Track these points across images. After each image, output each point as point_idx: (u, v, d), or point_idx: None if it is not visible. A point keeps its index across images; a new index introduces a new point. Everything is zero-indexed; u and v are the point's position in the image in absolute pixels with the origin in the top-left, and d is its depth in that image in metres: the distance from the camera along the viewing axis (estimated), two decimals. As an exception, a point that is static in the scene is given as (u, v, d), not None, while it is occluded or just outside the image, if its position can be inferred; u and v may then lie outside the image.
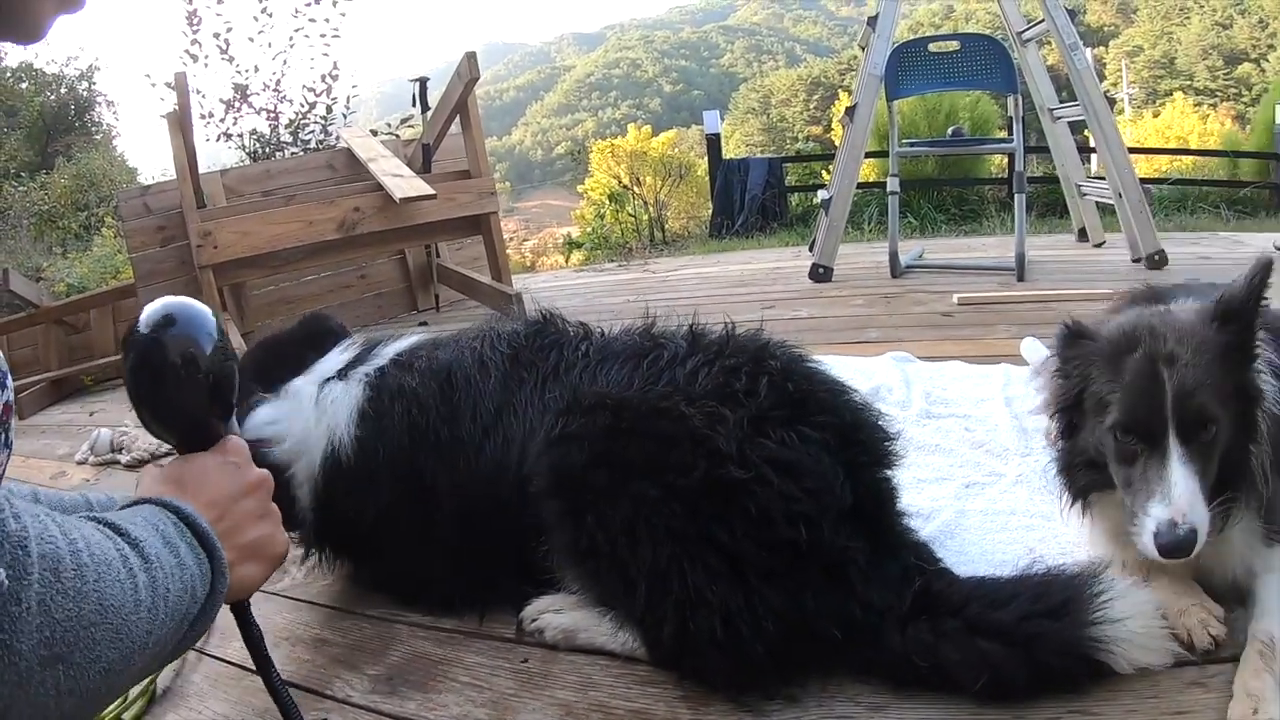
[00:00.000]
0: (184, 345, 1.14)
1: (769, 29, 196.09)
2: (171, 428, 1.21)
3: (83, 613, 0.79)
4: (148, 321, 1.14)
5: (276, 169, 6.23)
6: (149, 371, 1.15)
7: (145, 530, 0.94)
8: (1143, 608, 1.39)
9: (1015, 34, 5.84)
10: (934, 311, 4.28)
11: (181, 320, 1.15)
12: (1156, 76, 76.10)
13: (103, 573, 0.82)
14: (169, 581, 0.91)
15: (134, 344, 1.15)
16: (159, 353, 1.14)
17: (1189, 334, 1.39)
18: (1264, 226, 8.18)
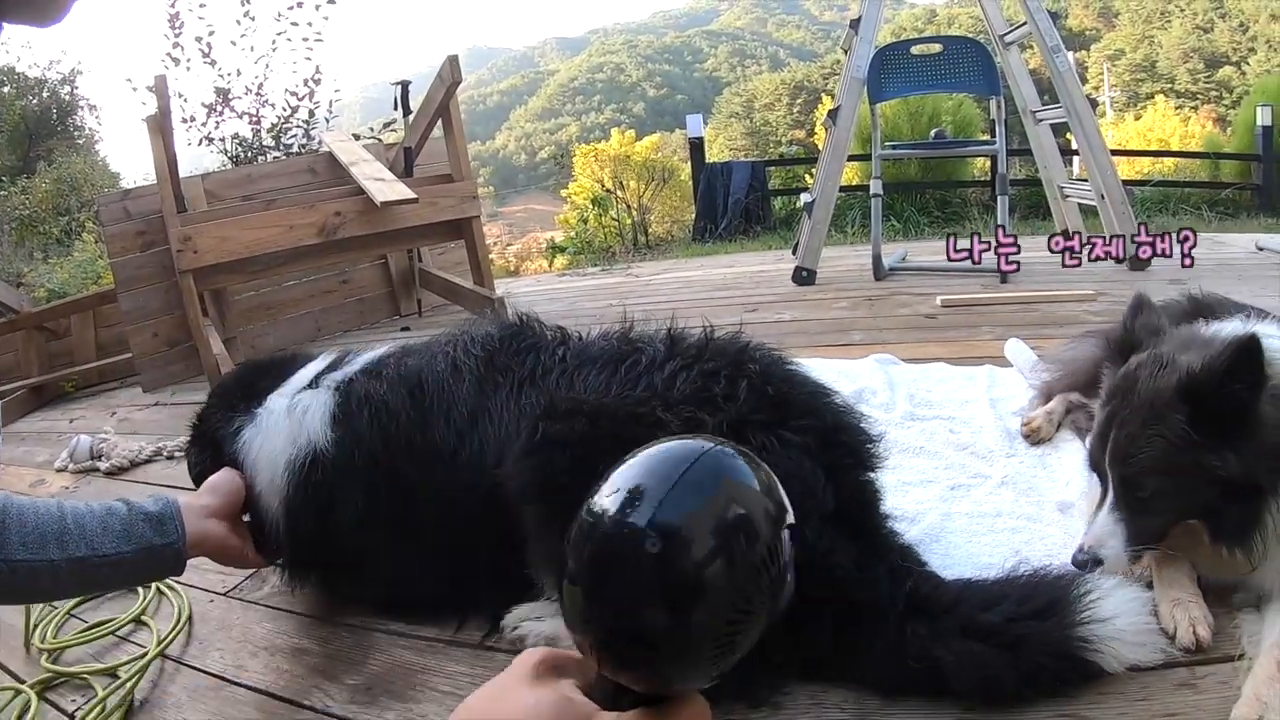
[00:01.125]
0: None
1: (752, 33, 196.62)
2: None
3: None
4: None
5: (258, 173, 6.19)
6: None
7: None
8: (1130, 605, 1.40)
9: (998, 37, 5.85)
10: (917, 314, 4.28)
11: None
12: (1138, 80, 76.55)
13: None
14: None
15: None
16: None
17: (1149, 404, 1.45)
18: (1245, 227, 8.22)
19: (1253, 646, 1.36)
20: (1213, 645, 1.40)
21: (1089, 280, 4.67)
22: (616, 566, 0.64)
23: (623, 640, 0.66)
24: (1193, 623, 1.41)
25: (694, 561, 0.62)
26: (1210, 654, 1.38)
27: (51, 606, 2.04)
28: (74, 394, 5.33)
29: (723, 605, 0.64)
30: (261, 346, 5.49)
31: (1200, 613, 1.43)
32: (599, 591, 0.66)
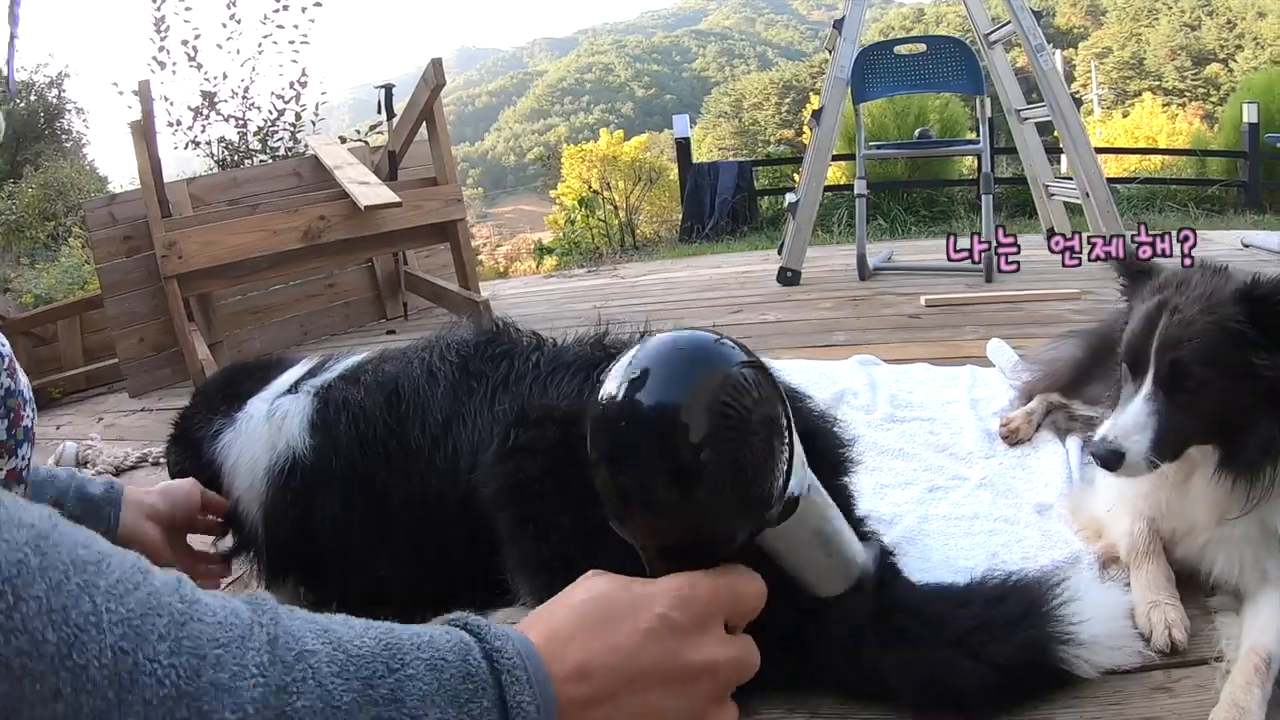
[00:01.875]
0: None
1: (741, 33, 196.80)
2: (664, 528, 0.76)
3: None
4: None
5: (243, 177, 6.18)
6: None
7: (347, 652, 0.62)
8: (1106, 609, 1.41)
9: (982, 36, 5.87)
10: (902, 314, 4.29)
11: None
12: (1125, 77, 76.81)
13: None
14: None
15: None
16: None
17: (1207, 296, 1.44)
18: (1231, 224, 8.25)
19: (1231, 649, 1.36)
20: (1189, 648, 1.40)
21: (1074, 279, 4.68)
22: (636, 432, 0.70)
23: (657, 495, 0.70)
24: (1169, 625, 1.42)
25: (705, 420, 0.68)
26: (1186, 657, 1.39)
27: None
28: (61, 399, 5.31)
29: (735, 450, 0.70)
30: (248, 351, 5.46)
31: (1177, 615, 1.43)
32: (623, 460, 0.71)
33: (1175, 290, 1.48)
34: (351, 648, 0.61)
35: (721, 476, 0.69)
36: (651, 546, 0.76)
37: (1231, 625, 1.41)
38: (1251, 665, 1.29)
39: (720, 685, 0.72)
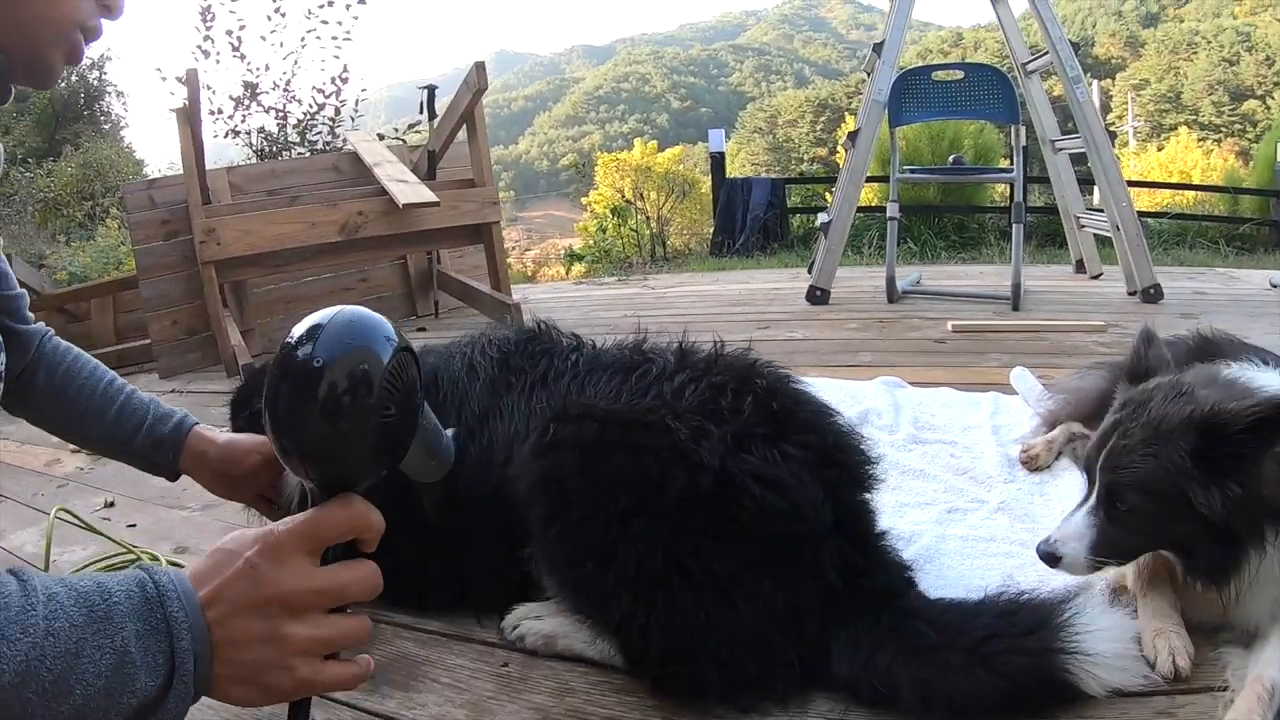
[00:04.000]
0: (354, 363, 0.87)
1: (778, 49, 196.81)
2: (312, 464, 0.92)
3: None
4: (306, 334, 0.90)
5: (282, 169, 6.25)
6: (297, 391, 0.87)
7: (76, 591, 0.84)
8: (1113, 630, 1.42)
9: (1020, 65, 5.89)
10: (928, 338, 4.31)
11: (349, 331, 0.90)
12: (1162, 110, 76.52)
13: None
14: (65, 644, 0.80)
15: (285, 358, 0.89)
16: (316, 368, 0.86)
17: (1156, 424, 1.45)
18: (1261, 263, 8.21)
19: (1236, 679, 1.37)
20: (1194, 676, 1.41)
21: (1100, 312, 4.69)
22: (289, 379, 0.87)
23: (295, 437, 0.88)
24: (1173, 652, 1.43)
25: (341, 381, 0.85)
26: (1191, 684, 1.40)
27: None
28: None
29: (361, 416, 0.87)
30: (279, 339, 5.52)
31: (1181, 643, 1.45)
32: (280, 401, 0.88)
33: (1132, 411, 1.51)
34: (79, 587, 0.84)
35: (357, 427, 0.87)
36: (312, 483, 0.94)
37: (1239, 658, 1.43)
38: (1254, 694, 1.30)
39: (294, 608, 0.91)
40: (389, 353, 0.89)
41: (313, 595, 0.92)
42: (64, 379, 1.83)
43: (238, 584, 0.89)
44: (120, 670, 0.82)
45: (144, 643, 0.84)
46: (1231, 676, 1.38)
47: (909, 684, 1.39)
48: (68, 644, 0.79)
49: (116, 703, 0.82)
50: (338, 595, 0.94)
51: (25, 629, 0.78)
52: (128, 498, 2.85)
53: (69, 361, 1.85)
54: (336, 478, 0.93)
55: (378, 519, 0.95)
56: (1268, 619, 1.44)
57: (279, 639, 0.90)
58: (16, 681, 0.75)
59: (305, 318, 0.91)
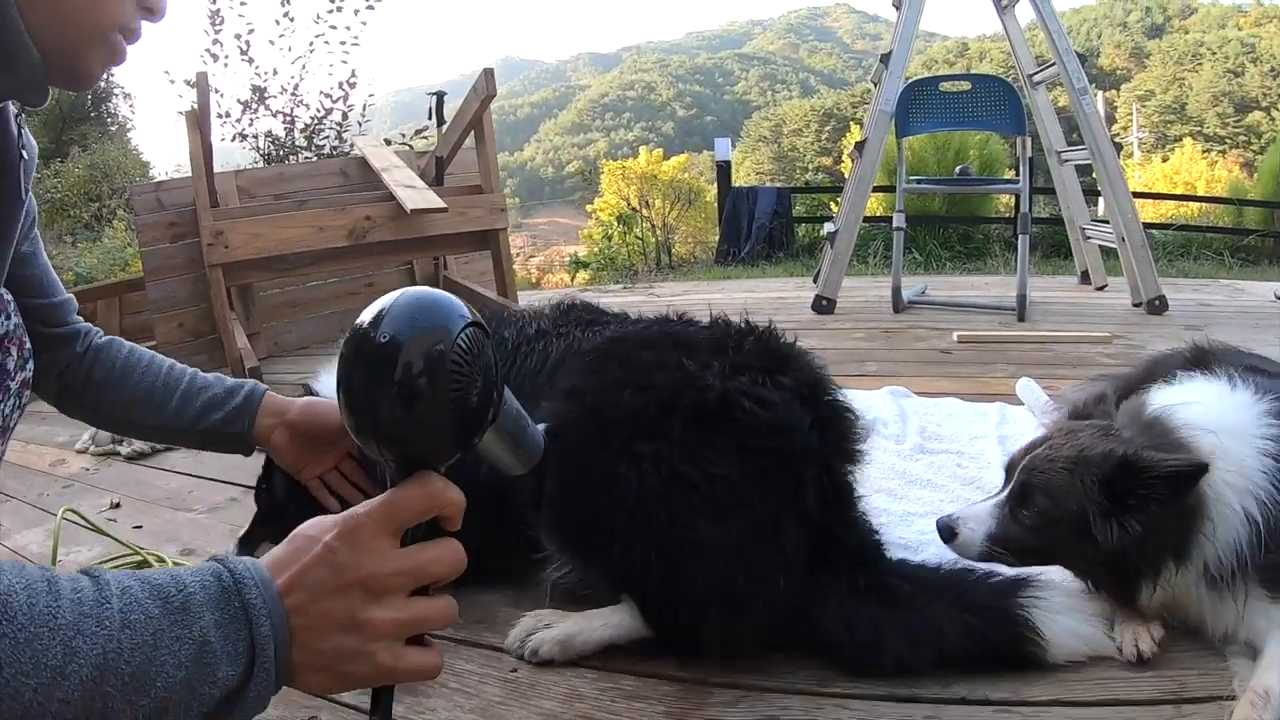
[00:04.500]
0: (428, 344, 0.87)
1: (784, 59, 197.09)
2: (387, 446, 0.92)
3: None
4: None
5: (290, 173, 6.27)
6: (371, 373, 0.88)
7: (150, 585, 0.84)
8: (1083, 603, 1.58)
9: (1026, 76, 5.91)
10: (933, 348, 4.32)
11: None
12: (1167, 121, 76.60)
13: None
14: (142, 636, 0.79)
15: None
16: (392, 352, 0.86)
17: (1080, 450, 1.53)
18: (1266, 275, 8.23)
19: (1241, 689, 1.39)
20: (1201, 686, 1.43)
21: (1106, 323, 4.70)
22: (363, 363, 0.87)
23: (372, 419, 0.88)
24: (1136, 636, 1.51)
25: (417, 362, 0.84)
26: (1197, 694, 1.42)
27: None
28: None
29: (439, 393, 0.85)
30: (285, 343, 5.55)
31: (1145, 629, 1.52)
32: (354, 383, 0.88)
33: (1065, 434, 1.60)
34: (153, 580, 0.85)
35: (434, 406, 0.85)
36: (390, 464, 0.92)
37: (1245, 667, 1.44)
38: (1249, 701, 1.33)
39: (373, 592, 0.90)
40: (463, 331, 0.87)
41: (393, 577, 0.91)
42: (122, 372, 1.84)
43: (316, 570, 0.89)
44: (200, 660, 0.82)
45: (223, 631, 0.84)
46: (1238, 687, 1.40)
47: (895, 631, 1.50)
48: (145, 636, 0.79)
49: (198, 694, 0.82)
50: (419, 575, 0.93)
51: (101, 623, 0.78)
52: (133, 499, 2.85)
53: (124, 355, 1.86)
54: (414, 458, 0.92)
55: (457, 496, 0.94)
56: (1243, 623, 1.48)
57: (359, 624, 0.89)
58: (95, 676, 0.75)
59: (374, 300, 0.90)
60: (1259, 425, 1.51)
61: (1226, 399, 1.60)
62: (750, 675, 1.55)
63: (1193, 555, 1.46)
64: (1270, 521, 1.42)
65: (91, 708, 0.76)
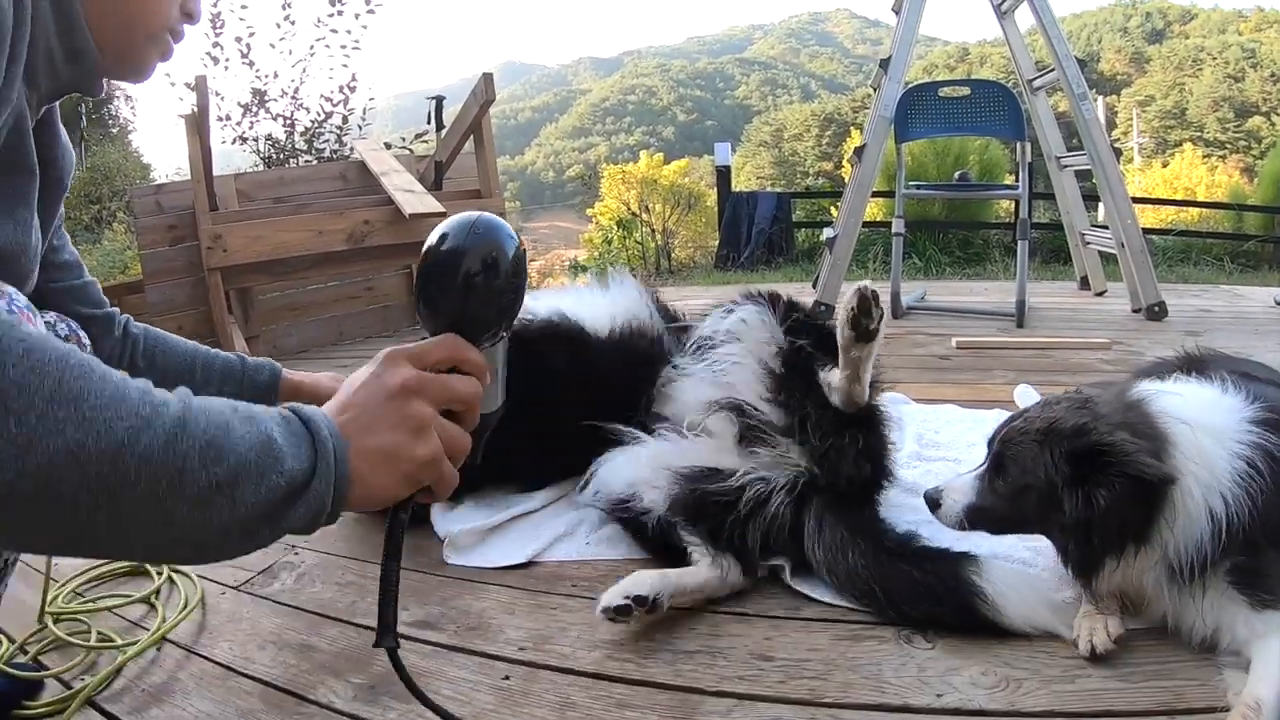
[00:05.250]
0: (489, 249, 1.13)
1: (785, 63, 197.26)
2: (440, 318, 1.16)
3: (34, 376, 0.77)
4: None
5: (290, 176, 6.28)
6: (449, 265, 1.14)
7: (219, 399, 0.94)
8: (1038, 587, 1.70)
9: (1026, 82, 5.90)
10: (932, 354, 4.31)
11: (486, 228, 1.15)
12: (1167, 126, 76.59)
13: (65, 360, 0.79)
14: (217, 417, 0.87)
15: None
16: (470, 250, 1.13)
17: (1051, 422, 1.59)
18: (1266, 280, 8.22)
19: (1235, 699, 1.39)
20: (1196, 697, 1.42)
21: (1105, 329, 4.69)
22: (439, 263, 1.12)
23: (435, 303, 1.14)
24: (1091, 632, 1.53)
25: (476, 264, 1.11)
26: (1193, 705, 1.41)
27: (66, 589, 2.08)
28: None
29: (488, 288, 1.12)
30: (284, 347, 5.55)
31: (1102, 625, 1.54)
32: (426, 279, 1.13)
33: (1040, 408, 1.66)
34: (224, 398, 0.93)
35: (486, 296, 1.12)
36: (429, 329, 1.15)
37: (1239, 679, 1.43)
38: (1241, 713, 1.32)
39: (414, 397, 1.04)
40: (511, 248, 1.13)
41: (429, 381, 1.06)
42: (163, 358, 1.94)
43: (362, 391, 1.04)
44: (267, 449, 0.89)
45: (285, 435, 0.92)
46: (1232, 699, 1.39)
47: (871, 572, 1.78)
48: (219, 418, 0.87)
49: (266, 480, 0.88)
50: (447, 389, 1.08)
51: (182, 397, 0.86)
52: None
53: (153, 339, 1.95)
54: (454, 328, 1.13)
55: (476, 356, 1.12)
56: (1225, 634, 1.49)
57: (407, 416, 1.03)
58: (176, 430, 0.82)
59: (442, 223, 1.15)
60: (1239, 429, 1.52)
61: (1212, 398, 1.62)
62: (743, 684, 1.55)
63: (1154, 541, 1.50)
64: (1237, 522, 1.44)
65: (170, 461, 0.81)
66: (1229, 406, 1.58)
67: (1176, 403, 1.57)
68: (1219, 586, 1.48)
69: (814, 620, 1.76)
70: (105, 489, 0.77)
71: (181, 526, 0.83)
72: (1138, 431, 1.51)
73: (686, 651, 1.66)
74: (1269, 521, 1.45)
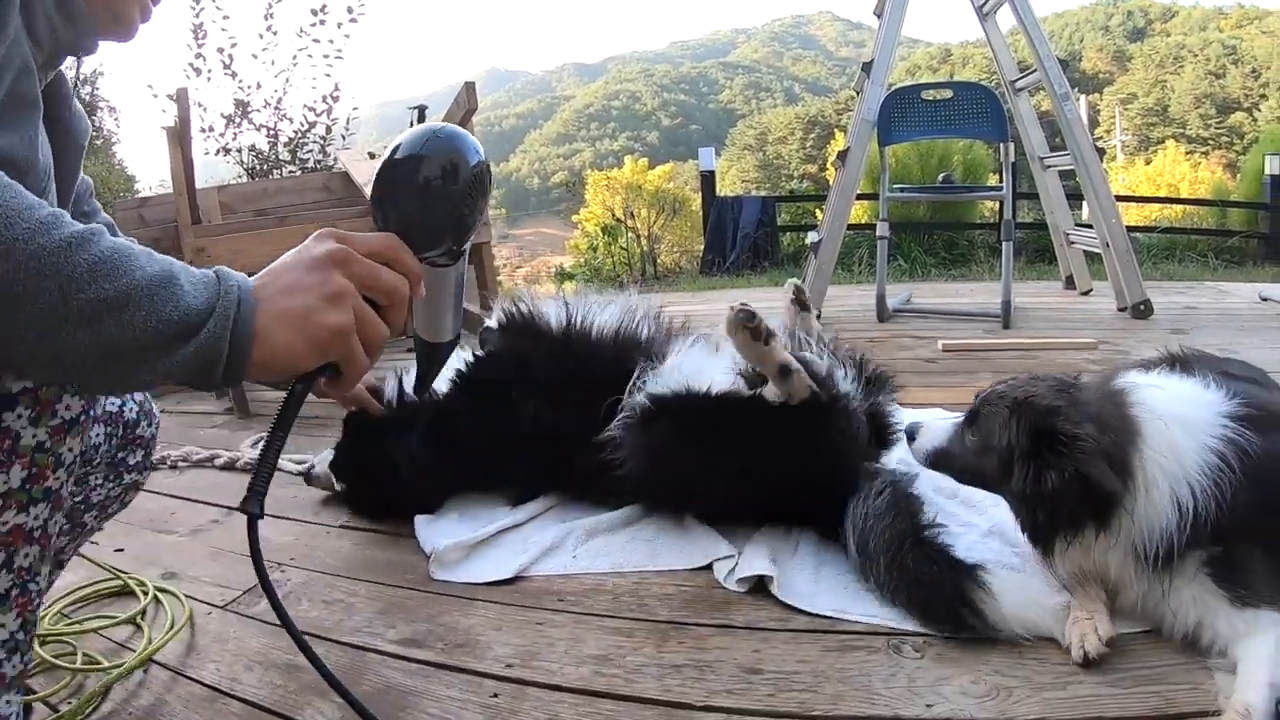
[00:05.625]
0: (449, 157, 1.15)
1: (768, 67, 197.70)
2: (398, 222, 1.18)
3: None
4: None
5: (273, 188, 6.25)
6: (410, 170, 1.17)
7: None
8: (1035, 592, 1.71)
9: (1009, 83, 5.93)
10: (919, 357, 4.31)
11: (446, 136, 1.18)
12: (1150, 124, 77.00)
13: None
14: (121, 246, 0.93)
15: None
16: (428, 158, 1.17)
17: (1029, 394, 1.68)
18: (1250, 276, 8.26)
19: (1226, 703, 1.39)
20: (1188, 701, 1.42)
21: (1091, 329, 4.70)
22: (398, 164, 1.16)
23: (392, 200, 1.17)
24: (1083, 638, 1.53)
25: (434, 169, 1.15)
26: (1184, 710, 1.41)
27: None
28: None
29: (436, 197, 1.15)
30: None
31: (1092, 629, 1.54)
32: (381, 182, 1.17)
33: (1027, 379, 1.74)
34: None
35: (439, 203, 1.15)
36: (380, 228, 1.16)
37: (1228, 682, 1.43)
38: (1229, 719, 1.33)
39: (335, 267, 1.06)
40: (474, 159, 1.16)
41: (354, 259, 1.07)
42: None
43: (286, 259, 1.07)
44: (167, 282, 0.93)
45: (190, 277, 0.96)
46: (1223, 701, 1.39)
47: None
48: (125, 248, 0.92)
49: (159, 311, 0.92)
50: (372, 276, 1.08)
51: (93, 229, 0.91)
52: (114, 521, 2.82)
53: None
54: (402, 232, 1.15)
55: (411, 259, 1.14)
56: (1205, 631, 1.51)
57: (324, 282, 1.04)
58: (74, 240, 0.88)
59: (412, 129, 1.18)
60: (1213, 423, 1.55)
61: (1191, 393, 1.66)
62: (731, 698, 1.54)
63: (1114, 528, 1.54)
64: (1206, 514, 1.47)
65: (61, 268, 0.86)
66: (1206, 401, 1.61)
67: (1154, 395, 1.61)
68: (1197, 580, 1.50)
69: (802, 631, 1.75)
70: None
71: (67, 341, 0.88)
72: (1107, 424, 1.55)
73: (674, 666, 1.65)
74: (1239, 514, 1.47)
